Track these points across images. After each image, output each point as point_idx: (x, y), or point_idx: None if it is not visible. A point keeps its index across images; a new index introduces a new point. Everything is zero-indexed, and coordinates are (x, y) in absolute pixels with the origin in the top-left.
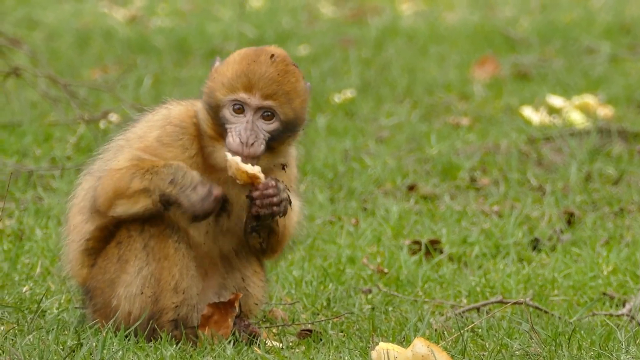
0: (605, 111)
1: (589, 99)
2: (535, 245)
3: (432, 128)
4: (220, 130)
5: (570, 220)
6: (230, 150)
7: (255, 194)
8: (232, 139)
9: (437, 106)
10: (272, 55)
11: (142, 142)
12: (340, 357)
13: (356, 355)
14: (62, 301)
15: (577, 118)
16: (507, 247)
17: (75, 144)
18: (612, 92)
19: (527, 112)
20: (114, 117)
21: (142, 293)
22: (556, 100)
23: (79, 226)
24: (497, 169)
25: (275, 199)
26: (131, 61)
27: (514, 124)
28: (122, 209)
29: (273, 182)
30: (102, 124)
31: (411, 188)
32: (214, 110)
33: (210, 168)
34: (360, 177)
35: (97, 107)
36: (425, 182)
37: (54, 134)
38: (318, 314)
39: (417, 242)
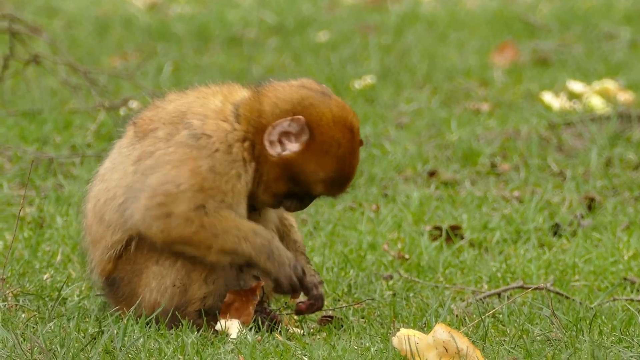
0: (625, 96)
1: (609, 84)
2: (555, 230)
3: (452, 114)
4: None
5: (590, 205)
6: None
7: (306, 312)
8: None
9: (457, 92)
10: (361, 142)
11: (195, 177)
12: (361, 344)
13: (377, 342)
14: (82, 289)
15: (598, 103)
16: (527, 232)
17: (95, 132)
18: (632, 78)
19: (547, 97)
20: (134, 105)
21: (174, 285)
22: (576, 86)
23: (105, 238)
24: (518, 155)
25: (320, 306)
26: (151, 48)
27: (534, 110)
28: (182, 250)
29: (317, 305)
30: (122, 111)
31: (432, 174)
32: (299, 183)
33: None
34: (380, 163)
35: (117, 94)
36: (446, 168)
37: (74, 122)
38: (339, 300)
39: (438, 228)
